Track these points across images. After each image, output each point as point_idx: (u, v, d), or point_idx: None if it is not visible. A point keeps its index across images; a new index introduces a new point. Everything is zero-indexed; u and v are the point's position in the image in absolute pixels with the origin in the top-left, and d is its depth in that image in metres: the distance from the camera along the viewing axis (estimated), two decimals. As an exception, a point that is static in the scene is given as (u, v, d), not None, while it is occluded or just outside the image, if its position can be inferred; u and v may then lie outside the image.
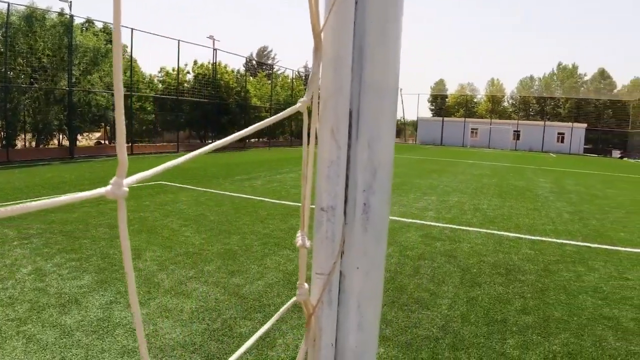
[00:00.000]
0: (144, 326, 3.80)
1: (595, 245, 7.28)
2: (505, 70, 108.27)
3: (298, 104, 0.51)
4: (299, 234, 0.54)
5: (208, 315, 4.09)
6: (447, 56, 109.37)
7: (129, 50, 22.80)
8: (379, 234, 0.55)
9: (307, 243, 0.54)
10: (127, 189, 0.33)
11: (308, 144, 0.52)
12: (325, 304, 0.55)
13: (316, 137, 0.54)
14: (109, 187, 0.33)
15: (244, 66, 37.71)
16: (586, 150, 49.91)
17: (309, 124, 0.53)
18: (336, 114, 0.53)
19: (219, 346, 3.57)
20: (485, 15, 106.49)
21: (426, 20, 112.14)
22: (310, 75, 0.52)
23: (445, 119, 55.85)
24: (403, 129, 61.55)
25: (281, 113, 0.54)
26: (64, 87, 18.34)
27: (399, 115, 62.79)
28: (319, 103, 0.53)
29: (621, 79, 78.15)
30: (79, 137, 22.19)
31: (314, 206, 0.56)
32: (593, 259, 6.48)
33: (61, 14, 18.75)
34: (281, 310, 0.57)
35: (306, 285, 0.55)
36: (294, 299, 0.55)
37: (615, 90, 62.07)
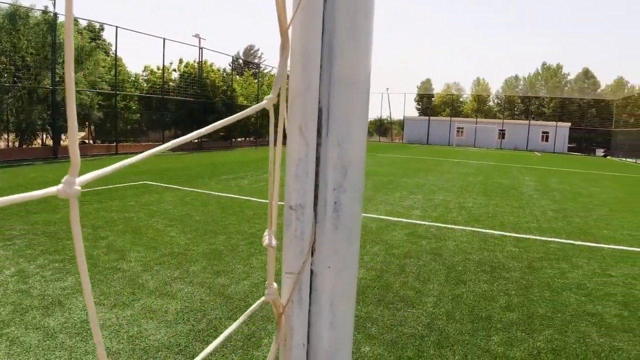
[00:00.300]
0: (129, 328, 3.77)
1: (579, 243, 7.37)
2: (490, 70, 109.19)
3: (264, 101, 0.51)
4: (266, 233, 0.53)
5: (193, 315, 4.07)
6: (434, 56, 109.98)
7: (113, 48, 22.59)
8: (350, 233, 0.55)
9: (273, 242, 0.53)
10: (79, 188, 0.32)
11: (275, 141, 0.51)
12: (295, 303, 0.55)
13: (285, 135, 0.54)
14: (60, 186, 0.32)
15: (230, 65, 37.47)
16: (570, 149, 50.57)
17: (276, 122, 0.52)
18: (304, 111, 0.52)
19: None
20: (476, 12, 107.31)
21: (411, 20, 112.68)
22: (277, 73, 0.51)
23: (432, 118, 56.25)
24: (390, 128, 61.83)
25: (245, 110, 0.53)
26: (47, 86, 18.11)
27: (385, 115, 63.05)
28: (287, 100, 0.52)
29: (605, 79, 79.24)
30: (62, 136, 21.91)
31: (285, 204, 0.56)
32: (577, 256, 6.56)
33: (45, 11, 18.50)
34: (249, 310, 0.56)
35: (275, 284, 0.54)
36: (262, 298, 0.55)
37: (599, 90, 62.96)
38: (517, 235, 7.71)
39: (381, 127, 61.60)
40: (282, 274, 0.57)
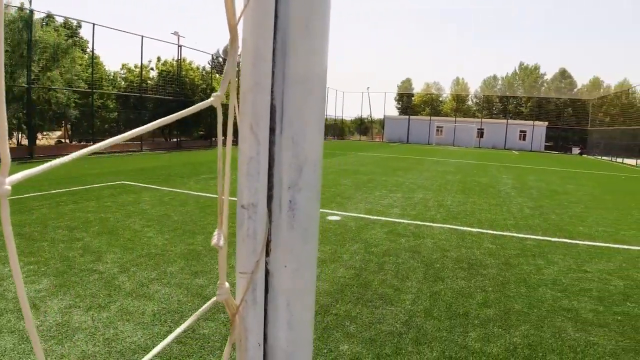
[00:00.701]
0: (105, 330, 3.72)
1: (555, 239, 7.50)
2: (470, 70, 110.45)
3: (211, 98, 0.50)
4: (215, 232, 0.53)
5: (170, 317, 4.03)
6: (414, 56, 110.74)
7: (90, 45, 22.23)
8: (307, 232, 0.54)
9: (221, 242, 0.52)
10: (9, 187, 0.31)
11: (224, 139, 0.51)
12: (249, 303, 0.54)
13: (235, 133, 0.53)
14: (-11, 185, 0.31)
15: (209, 63, 37.21)
16: (547, 148, 51.50)
17: (225, 120, 0.52)
18: (255, 108, 0.52)
19: (181, 348, 3.51)
20: (456, 12, 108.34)
21: (391, 19, 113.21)
22: (225, 69, 0.50)
23: (412, 117, 56.69)
24: (370, 127, 62.08)
25: (191, 107, 0.52)
26: (23, 84, 17.74)
27: (366, 114, 63.29)
28: (238, 98, 0.52)
29: (581, 79, 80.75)
30: (38, 135, 21.51)
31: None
32: (553, 253, 6.67)
33: (21, 8, 18.12)
34: (199, 310, 0.55)
35: (227, 284, 0.53)
36: (213, 298, 0.54)
37: (575, 90, 64.17)
38: (495, 232, 7.81)
39: (362, 126, 61.80)
40: (236, 274, 0.56)
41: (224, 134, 0.52)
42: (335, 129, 56.93)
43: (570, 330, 4.16)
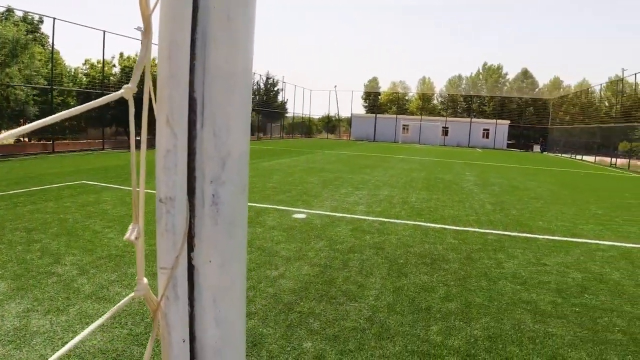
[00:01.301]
0: (63, 334, 3.61)
1: (515, 234, 7.70)
2: (435, 69, 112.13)
3: (121, 90, 0.49)
4: (130, 227, 0.52)
5: (131, 319, 3.94)
6: (381, 55, 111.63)
7: (50, 40, 21.53)
8: (232, 226, 0.54)
9: (133, 236, 0.52)
10: None
11: (137, 132, 0.50)
12: (171, 299, 0.53)
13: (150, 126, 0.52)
14: None
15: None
16: (509, 145, 52.82)
17: (138, 112, 0.51)
18: (171, 101, 0.51)
19: (142, 351, 3.45)
20: (423, 12, 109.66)
21: (359, 17, 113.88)
22: (137, 61, 0.49)
23: (378, 115, 57.20)
24: (337, 125, 62.29)
25: (98, 100, 0.51)
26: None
27: (333, 112, 63.45)
28: (155, 90, 0.51)
29: (542, 79, 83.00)
30: (-4, 134, 20.67)
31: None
32: (513, 247, 6.84)
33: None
34: (115, 307, 0.54)
35: (145, 280, 0.52)
36: (131, 294, 0.53)
37: (536, 90, 65.95)
38: (457, 228, 7.96)
39: (329, 124, 61.95)
40: (157, 269, 0.55)
41: (139, 126, 0.51)
42: (303, 127, 56.93)
43: (529, 321, 4.27)
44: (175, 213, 0.52)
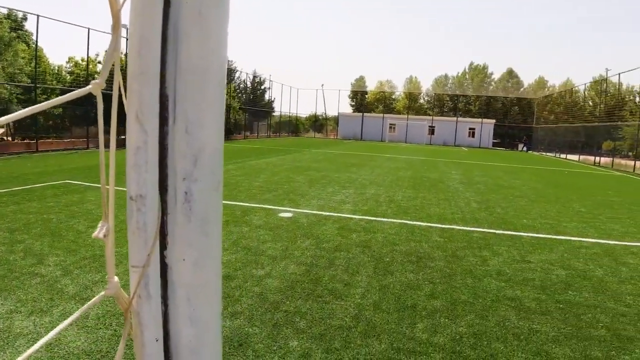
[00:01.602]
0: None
1: (500, 232, 7.77)
2: (422, 69, 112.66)
3: (89, 86, 0.48)
4: (99, 224, 0.51)
5: (115, 320, 3.91)
6: (368, 54, 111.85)
7: (34, 38, 21.21)
8: (205, 224, 0.53)
9: (102, 234, 0.51)
10: None
11: (106, 130, 0.49)
12: (143, 298, 0.53)
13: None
14: None
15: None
16: (495, 144, 53.32)
17: (108, 108, 0.50)
18: (141, 97, 0.50)
19: (127, 352, 3.41)
20: (410, 12, 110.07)
21: (346, 17, 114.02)
22: (105, 57, 0.49)
23: (365, 114, 57.33)
24: (325, 124, 62.31)
25: (67, 95, 0.50)
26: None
27: (321, 111, 63.43)
28: (125, 87, 0.50)
29: (527, 78, 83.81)
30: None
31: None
32: (497, 245, 6.90)
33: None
34: (85, 305, 0.54)
35: (116, 278, 0.52)
36: (102, 293, 0.53)
37: (521, 89, 66.63)
38: (443, 226, 8.01)
39: (316, 123, 61.94)
40: (129, 268, 0.55)
41: (108, 123, 0.51)
42: (290, 126, 56.83)
43: (513, 318, 4.31)
44: (146, 211, 0.51)
